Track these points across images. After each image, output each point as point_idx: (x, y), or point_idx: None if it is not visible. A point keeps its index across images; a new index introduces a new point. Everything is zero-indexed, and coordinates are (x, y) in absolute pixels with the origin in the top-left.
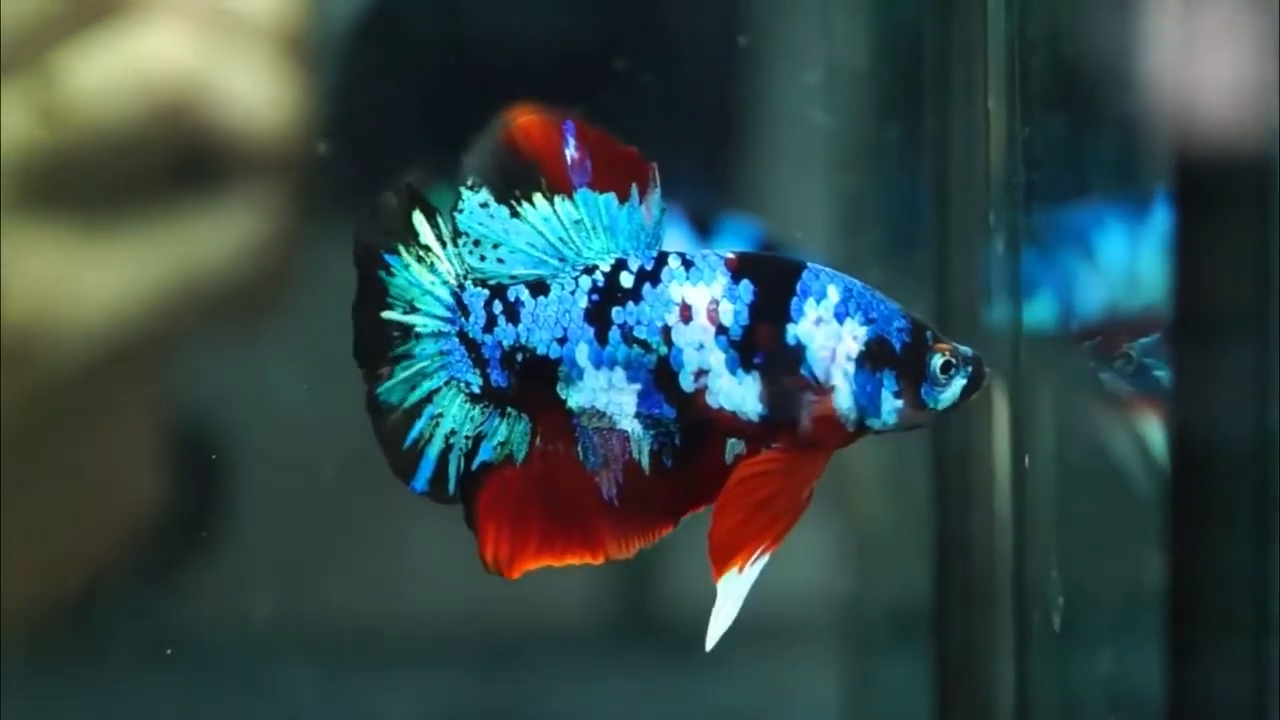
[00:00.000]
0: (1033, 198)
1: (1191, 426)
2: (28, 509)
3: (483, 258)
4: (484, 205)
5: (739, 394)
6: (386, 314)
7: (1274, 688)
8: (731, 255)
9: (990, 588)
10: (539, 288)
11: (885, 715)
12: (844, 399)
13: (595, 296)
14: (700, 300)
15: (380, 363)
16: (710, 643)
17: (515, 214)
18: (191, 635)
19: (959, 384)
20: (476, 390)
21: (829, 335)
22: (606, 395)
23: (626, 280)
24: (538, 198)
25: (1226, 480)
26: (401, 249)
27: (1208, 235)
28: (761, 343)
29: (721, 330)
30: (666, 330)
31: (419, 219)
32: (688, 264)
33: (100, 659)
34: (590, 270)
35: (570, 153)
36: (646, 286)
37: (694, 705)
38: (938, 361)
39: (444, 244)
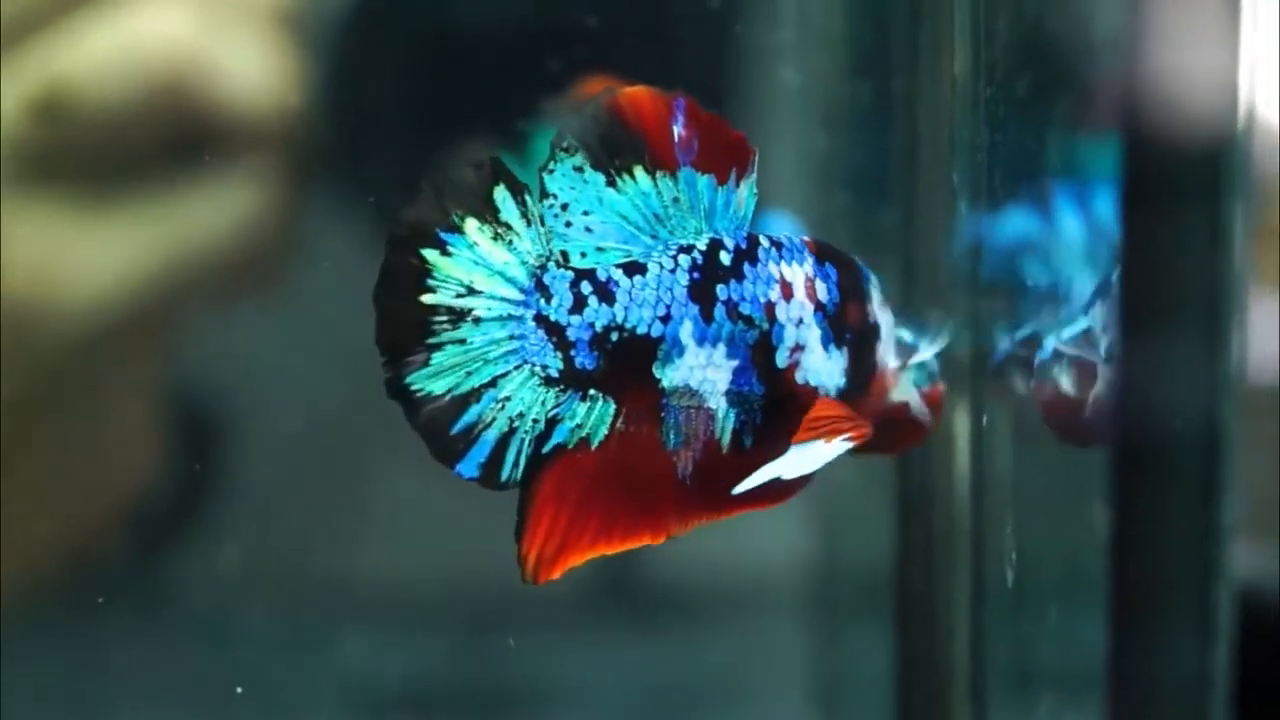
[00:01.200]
0: (995, 158)
1: (1138, 411)
2: (25, 482)
3: (568, 224)
4: (578, 169)
5: (827, 369)
6: (431, 298)
7: (1217, 655)
8: (808, 239)
9: (949, 547)
10: (633, 268)
11: (849, 673)
12: (894, 374)
13: (697, 275)
14: (798, 279)
15: (409, 349)
16: (752, 483)
17: (611, 183)
18: (176, 596)
19: None
20: (555, 374)
21: (886, 317)
22: (703, 373)
23: (725, 259)
24: (639, 171)
25: (1172, 459)
26: (473, 226)
27: (1159, 218)
28: (852, 320)
29: (819, 307)
30: (770, 306)
31: (502, 195)
32: (776, 245)
33: (94, 626)
34: (688, 249)
35: (679, 130)
36: (746, 265)
37: (665, 665)
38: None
39: (529, 223)
